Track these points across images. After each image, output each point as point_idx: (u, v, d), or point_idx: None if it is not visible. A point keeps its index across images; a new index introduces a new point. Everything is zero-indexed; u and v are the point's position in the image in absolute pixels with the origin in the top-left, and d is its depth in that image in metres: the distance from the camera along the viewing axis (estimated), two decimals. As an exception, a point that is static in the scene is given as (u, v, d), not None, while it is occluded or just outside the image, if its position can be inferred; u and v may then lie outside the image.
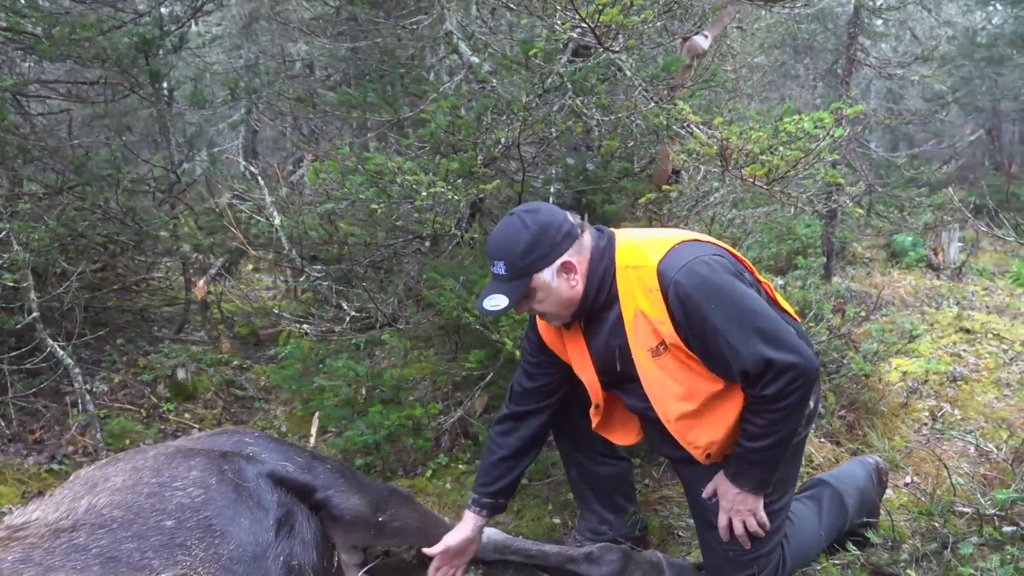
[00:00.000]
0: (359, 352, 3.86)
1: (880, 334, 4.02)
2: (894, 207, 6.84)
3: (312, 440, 3.46)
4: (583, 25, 2.73)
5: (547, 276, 2.18)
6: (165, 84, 5.27)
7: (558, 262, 2.18)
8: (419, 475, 3.40)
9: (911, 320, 5.12)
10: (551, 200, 3.50)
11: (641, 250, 2.19)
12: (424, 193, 2.95)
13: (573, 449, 2.68)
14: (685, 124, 3.14)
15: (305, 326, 3.64)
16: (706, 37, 3.61)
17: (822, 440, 3.49)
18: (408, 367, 3.93)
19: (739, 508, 2.24)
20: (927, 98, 12.94)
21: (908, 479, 3.30)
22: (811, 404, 2.28)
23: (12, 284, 3.23)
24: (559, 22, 2.81)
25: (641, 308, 2.15)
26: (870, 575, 2.45)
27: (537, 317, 2.39)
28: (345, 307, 3.54)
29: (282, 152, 9.36)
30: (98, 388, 4.27)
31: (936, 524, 2.52)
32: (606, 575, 2.47)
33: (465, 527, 2.46)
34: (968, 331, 5.46)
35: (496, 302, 2.16)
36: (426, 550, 2.40)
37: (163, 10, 5.30)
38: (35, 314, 3.32)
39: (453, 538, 2.43)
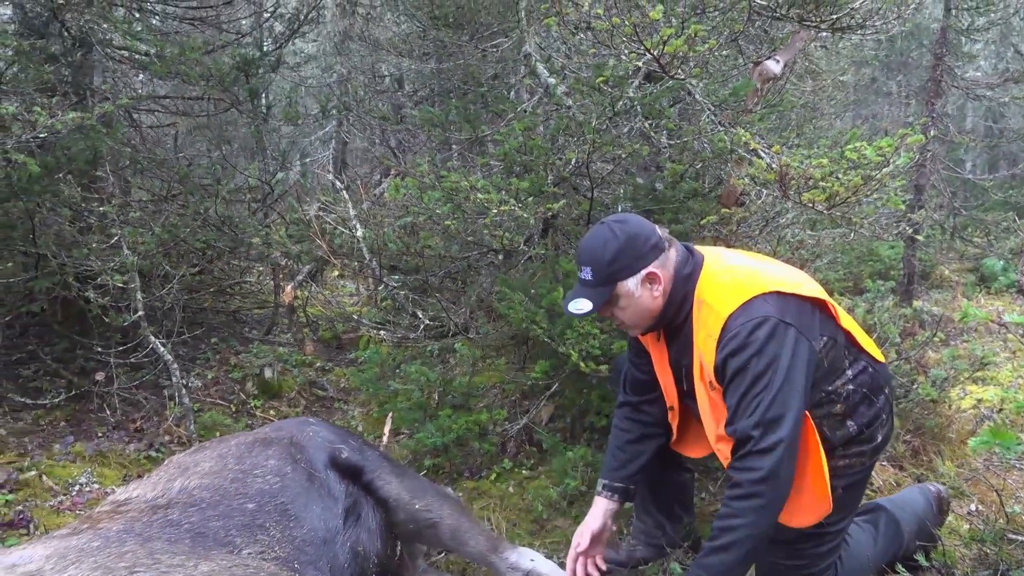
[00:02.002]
0: (432, 359, 4.06)
1: (952, 360, 3.98)
2: (980, 230, 6.67)
3: (385, 439, 3.66)
4: (649, 55, 2.85)
5: (631, 285, 2.27)
6: (263, 100, 5.62)
7: (643, 272, 2.26)
8: (484, 478, 3.56)
9: (990, 348, 5.00)
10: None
11: (720, 291, 2.23)
12: (495, 211, 3.11)
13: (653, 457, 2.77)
14: (751, 149, 3.22)
15: (382, 332, 3.85)
16: (777, 62, 3.67)
17: (884, 464, 3.50)
18: (479, 375, 4.10)
19: None
20: (1029, 117, 12.45)
21: (973, 507, 3.27)
22: (879, 438, 2.33)
23: (121, 285, 3.53)
24: (626, 52, 2.94)
25: (701, 347, 2.24)
26: (918, 598, 2.48)
27: None
28: (420, 315, 3.74)
29: (370, 164, 9.72)
30: (193, 383, 4.59)
31: (988, 551, 2.53)
32: None
33: (597, 515, 2.53)
34: (1054, 361, 5.30)
35: (580, 306, 2.27)
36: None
37: (263, 27, 5.67)
38: (140, 313, 3.62)
39: (585, 532, 2.50)
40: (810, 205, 2.82)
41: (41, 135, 3.29)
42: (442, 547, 2.71)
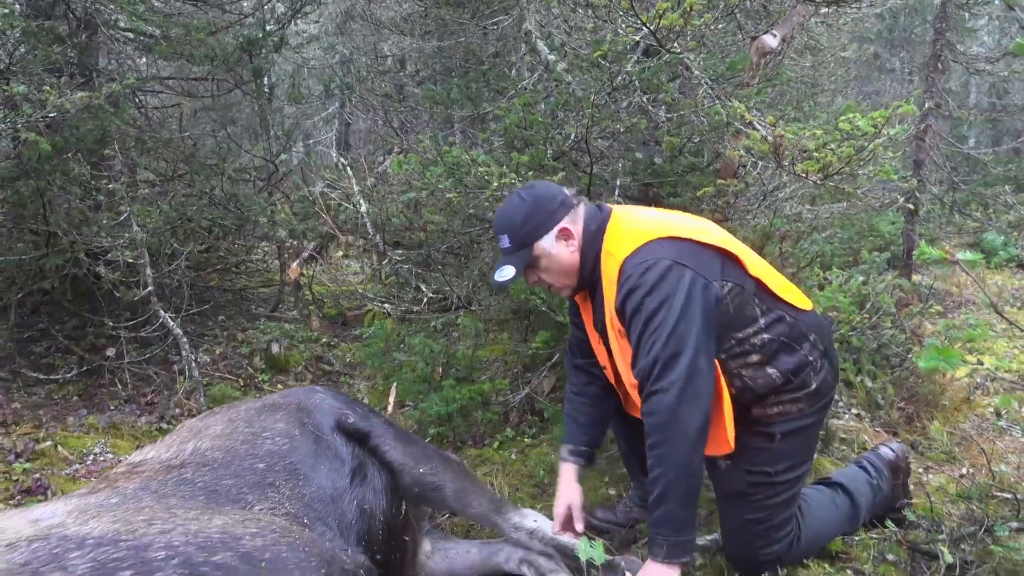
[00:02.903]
0: (436, 333, 4.14)
1: (947, 330, 4.05)
2: (980, 205, 6.71)
3: (390, 409, 3.74)
4: (645, 29, 2.90)
5: (546, 244, 2.37)
6: (266, 81, 5.67)
7: (555, 229, 2.36)
8: (487, 446, 3.65)
9: (985, 320, 5.07)
10: (617, 192, 3.68)
11: (620, 239, 2.32)
12: (496, 184, 3.18)
13: (622, 424, 2.86)
14: (747, 122, 3.28)
15: (387, 305, 3.93)
16: (775, 36, 3.71)
17: (878, 430, 3.58)
18: (481, 349, 4.18)
19: None
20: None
21: (964, 470, 3.35)
22: (812, 384, 2.34)
23: (131, 260, 3.61)
24: (622, 26, 2.99)
25: (607, 295, 2.33)
26: (907, 551, 2.56)
27: None
28: (424, 289, 3.81)
29: (373, 144, 9.77)
30: (201, 359, 4.68)
31: (975, 508, 2.61)
32: None
33: (569, 480, 2.59)
34: (1051, 332, 5.35)
35: (504, 273, 2.37)
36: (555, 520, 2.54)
37: (265, 8, 5.70)
38: (150, 288, 3.70)
39: (562, 499, 2.56)
40: (804, 175, 2.88)
41: (50, 114, 3.36)
42: (447, 509, 2.79)
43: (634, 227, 2.35)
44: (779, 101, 4.95)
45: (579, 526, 2.52)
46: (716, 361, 2.23)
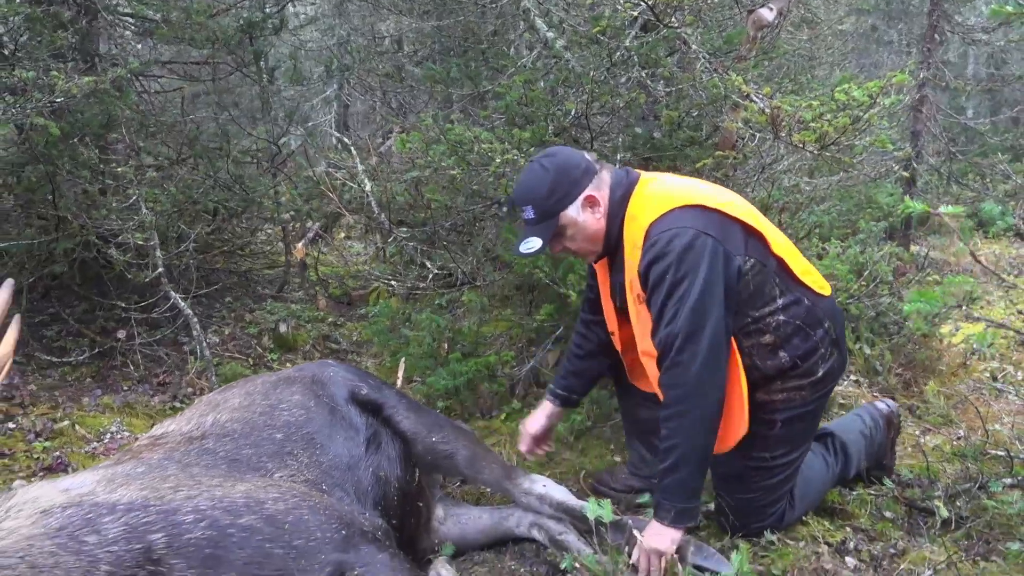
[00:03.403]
0: (442, 309, 4.22)
1: (944, 296, 4.12)
2: (977, 175, 6.76)
3: (399, 383, 3.82)
4: (643, 4, 2.95)
5: (573, 212, 2.35)
6: (264, 63, 5.70)
7: (581, 197, 2.35)
8: (494, 418, 3.73)
9: (984, 287, 5.14)
10: (617, 168, 3.74)
11: (646, 204, 2.31)
12: (499, 160, 3.24)
13: (622, 392, 2.93)
14: (744, 95, 3.33)
15: (393, 283, 4.00)
16: (771, 9, 3.75)
17: (876, 395, 3.66)
18: (486, 325, 4.26)
19: (650, 546, 2.21)
20: (1029, 62, 12.41)
21: (960, 432, 3.44)
22: (819, 372, 2.37)
23: (141, 242, 3.67)
24: (620, 2, 3.03)
25: (629, 260, 2.32)
26: (904, 507, 2.65)
27: None
28: (429, 266, 3.88)
29: (372, 126, 9.79)
30: (210, 339, 4.75)
31: (969, 466, 2.70)
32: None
33: (538, 416, 2.82)
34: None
35: (531, 244, 2.35)
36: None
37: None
38: (160, 269, 3.76)
39: (531, 424, 2.81)
40: (800, 146, 2.93)
41: (57, 99, 3.40)
42: (459, 476, 2.88)
43: (662, 192, 2.33)
44: (776, 74, 4.98)
45: (522, 446, 2.83)
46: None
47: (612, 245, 2.42)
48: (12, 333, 1.86)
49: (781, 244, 2.39)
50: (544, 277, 3.44)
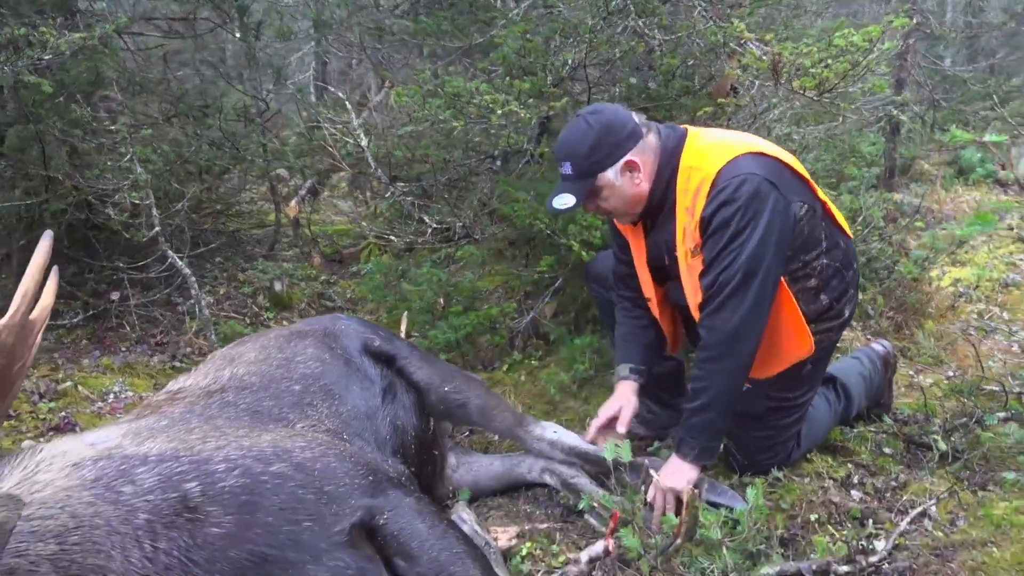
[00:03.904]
0: (439, 264, 4.23)
1: (932, 241, 4.20)
2: (960, 122, 6.82)
3: (402, 335, 3.85)
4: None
5: (611, 175, 2.33)
6: (246, 18, 5.60)
7: (621, 161, 2.32)
8: (496, 369, 3.78)
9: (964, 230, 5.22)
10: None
11: (705, 153, 2.30)
12: (499, 112, 3.23)
13: None
14: (741, 41, 3.33)
15: (393, 238, 3.99)
16: (765, -44, 3.75)
17: (869, 338, 3.73)
18: (483, 280, 4.28)
19: (667, 483, 2.25)
20: (1007, 9, 12.43)
21: (951, 372, 3.53)
22: (846, 313, 2.47)
23: (137, 201, 3.64)
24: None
25: (689, 207, 2.30)
26: (903, 443, 2.74)
27: None
28: (427, 220, 3.88)
29: (350, 83, 9.66)
30: (206, 299, 4.74)
31: (965, 401, 2.79)
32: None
33: (627, 391, 2.60)
34: (1024, 241, 5.54)
35: (564, 201, 2.34)
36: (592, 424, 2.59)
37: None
38: (157, 228, 3.74)
39: (614, 403, 2.57)
40: (800, 91, 2.96)
41: (46, 56, 3.34)
42: (470, 424, 2.93)
43: (719, 141, 2.33)
44: (768, 22, 4.98)
45: (622, 428, 2.54)
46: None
47: (655, 205, 2.40)
48: (51, 284, 1.87)
49: (820, 189, 2.45)
50: (544, 228, 3.46)
